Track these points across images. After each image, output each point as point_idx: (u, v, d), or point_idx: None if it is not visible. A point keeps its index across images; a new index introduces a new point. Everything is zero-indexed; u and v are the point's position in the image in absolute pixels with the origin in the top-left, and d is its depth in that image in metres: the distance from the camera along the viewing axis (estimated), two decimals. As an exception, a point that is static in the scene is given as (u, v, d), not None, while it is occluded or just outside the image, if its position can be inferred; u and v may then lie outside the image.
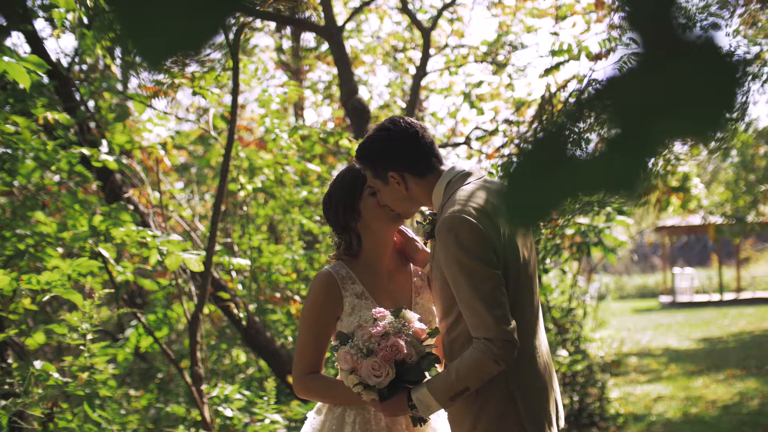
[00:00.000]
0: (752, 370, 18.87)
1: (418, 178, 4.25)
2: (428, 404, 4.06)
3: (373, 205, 4.48)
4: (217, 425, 8.35)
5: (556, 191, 1.43)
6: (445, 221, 4.00)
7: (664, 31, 1.37)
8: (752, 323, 29.63)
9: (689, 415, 14.33)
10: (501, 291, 3.94)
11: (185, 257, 6.83)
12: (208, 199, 15.26)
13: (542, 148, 1.47)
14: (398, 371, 4.07)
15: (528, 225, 1.55)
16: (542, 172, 1.44)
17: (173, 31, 1.33)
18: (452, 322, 4.14)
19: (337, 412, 4.49)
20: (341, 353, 4.13)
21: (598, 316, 16.97)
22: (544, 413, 4.19)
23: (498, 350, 3.89)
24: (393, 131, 4.25)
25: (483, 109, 14.53)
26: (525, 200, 1.44)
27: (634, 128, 1.36)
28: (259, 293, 11.13)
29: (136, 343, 8.77)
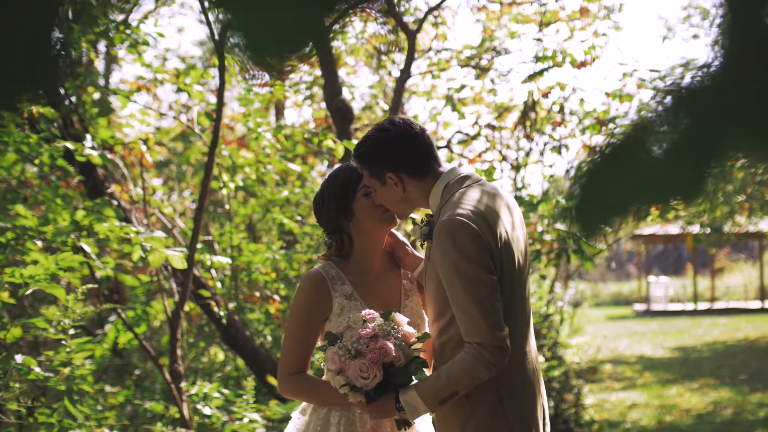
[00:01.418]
0: (726, 380, 18.96)
1: (416, 180, 4.24)
2: (416, 407, 4.05)
3: (366, 205, 4.45)
4: (195, 423, 8.32)
5: (625, 197, 1.43)
6: (444, 224, 3.99)
7: (757, 44, 1.38)
8: (726, 333, 29.74)
9: (664, 423, 14.39)
10: (496, 297, 3.94)
11: (169, 254, 6.81)
12: (186, 196, 15.21)
13: (614, 154, 1.47)
14: (386, 374, 4.05)
15: (595, 229, 1.55)
16: (612, 177, 1.45)
17: (281, 25, 1.32)
18: (444, 325, 4.13)
19: (322, 412, 4.46)
20: (329, 354, 4.11)
21: (574, 323, 17.00)
22: (533, 418, 4.19)
23: (490, 356, 3.88)
24: (392, 132, 4.23)
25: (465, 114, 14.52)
26: (594, 204, 1.45)
27: (705, 140, 1.37)
28: (238, 292, 11.11)
29: (114, 339, 8.74)
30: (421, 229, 4.27)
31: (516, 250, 4.15)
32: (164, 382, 9.87)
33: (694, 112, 1.43)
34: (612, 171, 1.49)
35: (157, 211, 10.29)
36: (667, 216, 15.65)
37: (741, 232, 30.04)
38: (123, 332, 8.67)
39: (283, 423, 8.63)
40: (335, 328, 4.32)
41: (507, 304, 4.04)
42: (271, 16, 1.31)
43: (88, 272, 8.20)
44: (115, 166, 8.99)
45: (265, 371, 9.77)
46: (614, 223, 1.52)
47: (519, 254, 4.18)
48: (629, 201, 1.47)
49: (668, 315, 39.95)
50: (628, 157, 1.47)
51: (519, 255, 4.18)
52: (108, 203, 7.22)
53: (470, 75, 15.00)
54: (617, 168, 1.48)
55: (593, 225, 1.51)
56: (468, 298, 3.90)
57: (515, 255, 4.13)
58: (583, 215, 1.50)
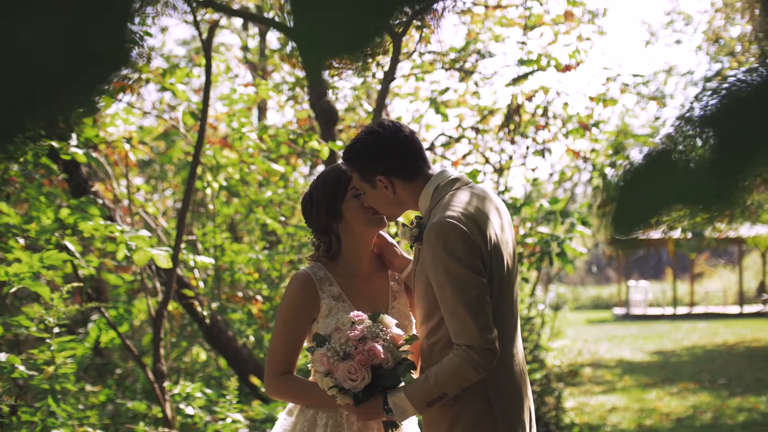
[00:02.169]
0: (705, 384, 19.02)
1: (406, 183, 4.23)
2: (404, 409, 4.05)
3: (355, 207, 4.44)
4: (178, 423, 8.31)
5: (658, 203, 1.45)
6: (435, 226, 3.99)
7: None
8: (705, 337, 29.85)
9: (643, 427, 14.42)
10: (485, 299, 3.94)
11: (154, 253, 6.80)
12: (167, 196, 15.19)
13: (650, 162, 1.49)
14: (374, 376, 4.05)
15: (630, 231, 1.56)
16: (648, 184, 1.46)
17: (341, 27, 1.33)
18: (433, 327, 4.13)
19: (308, 413, 4.44)
20: (317, 355, 4.10)
21: (555, 326, 17.04)
22: (519, 421, 4.19)
23: (479, 358, 3.89)
24: (382, 135, 4.22)
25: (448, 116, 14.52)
26: (630, 210, 1.46)
27: (736, 152, 1.38)
28: (220, 292, 11.10)
29: (96, 337, 8.71)
30: (410, 231, 4.26)
31: (505, 252, 4.15)
32: (146, 381, 9.86)
33: (726, 125, 1.44)
34: (647, 178, 1.50)
35: (141, 210, 10.28)
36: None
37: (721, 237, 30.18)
38: (105, 331, 8.64)
39: (266, 423, 8.63)
40: (323, 330, 4.31)
41: (496, 307, 4.04)
42: (332, 17, 1.31)
43: (71, 271, 8.17)
44: (99, 165, 8.97)
45: (247, 371, 9.76)
46: (648, 228, 1.53)
47: (508, 257, 4.18)
48: (662, 208, 1.48)
49: (648, 319, 40.06)
50: (662, 166, 1.49)
51: (508, 257, 4.18)
52: (93, 201, 7.20)
53: (454, 78, 15.01)
54: (652, 175, 1.50)
55: (628, 230, 1.52)
56: (457, 300, 3.90)
57: (504, 257, 4.14)
58: (619, 220, 1.51)
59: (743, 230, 32.75)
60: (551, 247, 10.90)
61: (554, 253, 10.75)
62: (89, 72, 1.29)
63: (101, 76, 1.31)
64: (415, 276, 4.26)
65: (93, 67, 1.29)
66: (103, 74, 1.31)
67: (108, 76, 1.31)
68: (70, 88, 1.29)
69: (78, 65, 1.27)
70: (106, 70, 1.31)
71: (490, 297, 3.98)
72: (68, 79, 1.28)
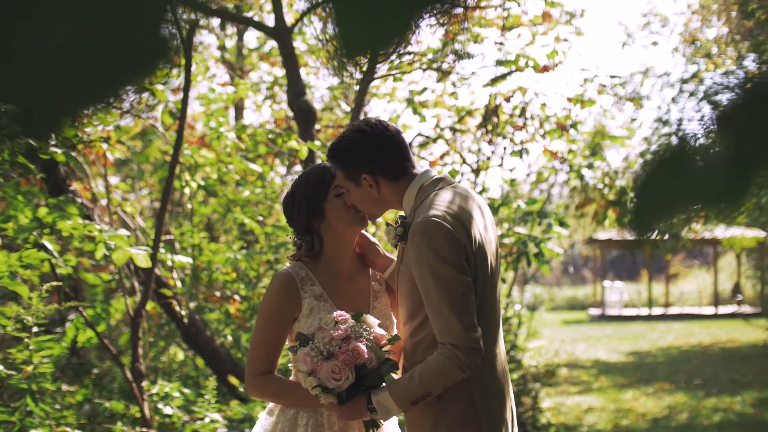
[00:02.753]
0: (681, 385, 19.10)
1: (391, 182, 4.23)
2: (388, 408, 4.06)
3: (337, 206, 4.44)
4: (156, 423, 8.29)
5: (676, 202, 1.45)
6: (419, 225, 3.99)
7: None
8: (680, 338, 29.99)
9: (620, 427, 14.46)
10: (470, 298, 3.94)
11: (133, 252, 6.78)
12: (144, 195, 15.15)
13: (670, 159, 1.49)
14: (358, 375, 4.05)
15: (650, 229, 1.57)
16: (665, 184, 1.47)
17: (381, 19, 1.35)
18: (417, 326, 4.13)
19: (289, 413, 4.44)
20: (301, 354, 4.10)
21: (531, 327, 17.07)
22: (502, 420, 4.20)
23: (464, 357, 3.89)
24: (368, 133, 4.21)
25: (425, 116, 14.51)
26: (650, 209, 1.47)
27: (749, 151, 1.39)
28: (198, 291, 11.08)
29: (73, 337, 8.67)
30: (394, 230, 4.26)
31: (489, 252, 4.16)
32: (123, 381, 9.82)
33: (742, 122, 1.45)
34: (664, 178, 1.51)
35: (119, 210, 10.24)
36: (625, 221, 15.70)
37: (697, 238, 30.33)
38: (82, 331, 8.61)
39: (244, 423, 8.62)
40: (305, 329, 4.31)
41: (479, 306, 4.04)
42: (368, 12, 1.33)
43: (49, 270, 8.14)
44: (77, 164, 8.94)
45: (225, 371, 9.75)
46: (667, 226, 1.54)
47: (491, 256, 4.19)
48: (680, 206, 1.49)
49: (623, 320, 40.24)
50: (678, 165, 1.50)
51: (491, 257, 4.19)
52: (72, 200, 7.17)
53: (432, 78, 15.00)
54: (669, 175, 1.51)
55: (648, 229, 1.53)
56: (442, 299, 3.91)
57: (488, 257, 4.14)
58: (639, 220, 1.52)
59: (718, 231, 32.90)
60: (528, 247, 10.91)
61: (532, 254, 10.76)
62: (132, 62, 1.33)
63: (143, 66, 1.35)
64: (399, 275, 4.25)
65: (136, 57, 1.33)
66: (145, 64, 1.34)
67: (149, 67, 1.35)
68: (117, 75, 1.33)
69: (123, 55, 1.32)
70: (148, 61, 1.34)
71: (474, 296, 3.99)
72: (115, 67, 1.32)
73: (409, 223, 4.16)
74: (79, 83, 1.30)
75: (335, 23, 1.36)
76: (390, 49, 1.39)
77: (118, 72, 1.33)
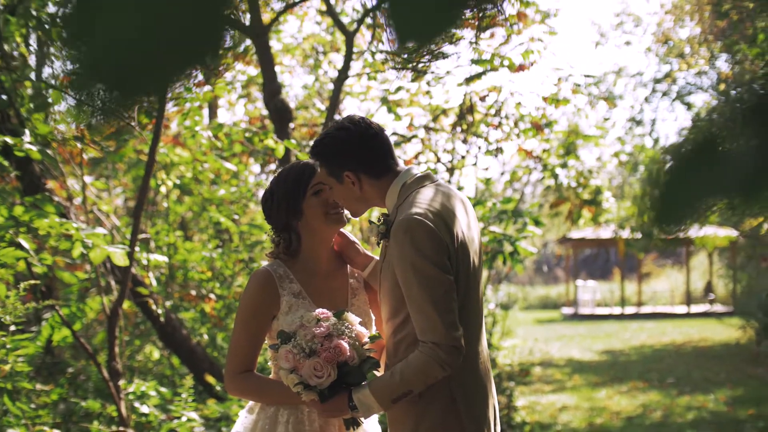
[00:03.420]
0: (654, 383, 19.18)
1: (374, 180, 4.24)
2: (369, 405, 4.06)
3: (316, 205, 4.47)
4: (132, 422, 8.26)
5: (700, 195, 1.46)
6: (402, 223, 3.99)
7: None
8: (653, 337, 30.09)
9: (594, 426, 14.51)
10: (452, 296, 3.95)
11: (110, 251, 6.75)
12: (117, 194, 15.10)
13: (697, 152, 1.50)
14: (339, 373, 4.07)
15: (677, 223, 1.58)
16: (689, 177, 1.47)
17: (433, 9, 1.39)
18: (399, 324, 4.13)
19: (269, 411, 4.46)
20: (282, 352, 4.10)
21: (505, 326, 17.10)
22: (485, 418, 4.21)
23: (445, 355, 3.90)
24: (352, 131, 4.22)
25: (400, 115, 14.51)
26: (674, 203, 1.47)
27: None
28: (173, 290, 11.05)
29: (48, 336, 8.64)
30: (377, 228, 4.27)
31: (471, 250, 4.16)
32: (98, 380, 9.78)
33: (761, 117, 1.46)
34: (692, 171, 1.51)
35: (95, 208, 10.21)
36: (599, 220, 15.77)
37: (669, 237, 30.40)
38: (58, 329, 8.57)
39: (221, 422, 8.60)
40: (284, 327, 4.31)
41: (461, 304, 4.05)
42: (419, 8, 1.38)
43: (24, 268, 8.10)
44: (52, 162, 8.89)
45: (202, 370, 9.73)
46: (692, 220, 1.54)
47: (474, 254, 4.20)
48: (707, 200, 1.50)
49: (596, 319, 40.34)
50: (705, 158, 1.50)
51: (474, 255, 4.19)
52: (49, 199, 7.14)
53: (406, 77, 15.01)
54: (697, 168, 1.51)
55: (675, 223, 1.53)
56: (424, 297, 3.91)
57: (470, 255, 4.15)
58: (665, 214, 1.52)
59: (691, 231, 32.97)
60: (503, 246, 10.92)
61: (507, 253, 10.77)
62: (197, 45, 1.42)
63: (206, 50, 1.43)
64: (381, 273, 4.26)
65: (201, 42, 1.42)
66: (208, 49, 1.43)
67: (211, 51, 1.44)
68: (185, 57, 1.42)
69: (189, 39, 1.41)
70: (211, 45, 1.43)
71: (456, 294, 3.99)
72: (183, 50, 1.41)
73: (392, 221, 4.17)
74: (155, 63, 1.38)
75: (389, 17, 1.41)
76: (437, 41, 1.43)
77: (186, 54, 1.41)
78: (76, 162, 9.68)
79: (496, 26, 13.21)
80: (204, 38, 1.41)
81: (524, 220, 11.22)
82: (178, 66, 1.40)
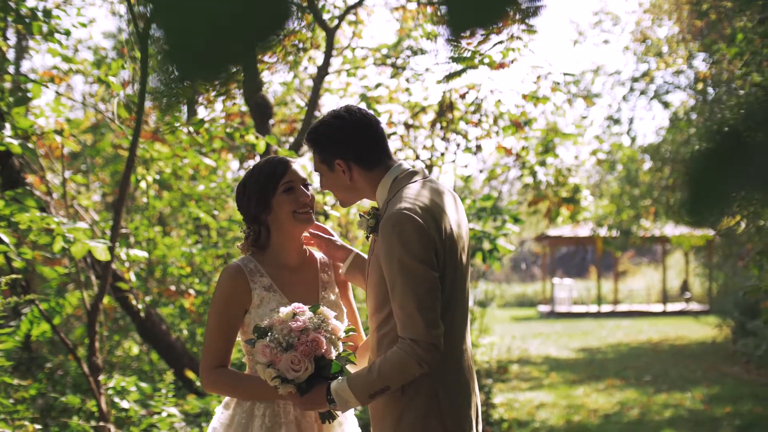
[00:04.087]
0: (631, 381, 19.26)
1: (365, 170, 4.26)
2: (347, 399, 4.08)
3: (285, 202, 4.53)
4: (112, 417, 8.24)
5: (730, 190, 1.46)
6: (391, 217, 4.00)
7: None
8: (629, 335, 30.21)
9: (572, 423, 14.55)
10: (435, 294, 3.96)
11: (92, 245, 6.73)
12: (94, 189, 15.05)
13: (729, 146, 1.50)
14: (317, 366, 4.12)
15: (708, 216, 1.58)
16: (720, 172, 1.47)
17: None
18: (383, 319, 4.14)
19: (246, 405, 4.51)
20: (259, 346, 4.14)
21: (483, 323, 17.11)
22: (466, 417, 4.21)
23: (423, 353, 3.91)
24: (347, 120, 4.25)
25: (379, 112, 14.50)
26: (708, 192, 1.48)
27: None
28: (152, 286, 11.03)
29: (27, 331, 8.60)
30: (366, 221, 4.28)
31: (459, 247, 4.17)
32: (77, 375, 9.75)
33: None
34: (724, 165, 1.52)
35: (75, 203, 10.18)
36: (577, 218, 15.80)
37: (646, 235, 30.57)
38: (37, 324, 8.54)
39: (200, 417, 8.60)
40: (256, 320, 4.41)
41: (447, 301, 4.06)
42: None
43: (3, 262, 8.06)
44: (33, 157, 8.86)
45: (181, 365, 9.72)
46: (724, 214, 1.55)
47: (462, 252, 4.20)
48: (739, 194, 1.50)
49: (572, 317, 40.48)
50: (738, 152, 1.51)
51: (462, 253, 4.20)
52: (30, 193, 7.11)
53: (384, 74, 15.01)
54: (729, 162, 1.51)
55: (706, 216, 1.54)
56: (407, 293, 3.92)
57: (458, 252, 4.15)
58: (696, 207, 1.53)
59: (667, 229, 33.20)
60: (482, 243, 10.93)
61: (487, 250, 10.78)
62: (264, 24, 1.50)
63: (273, 26, 1.51)
64: (369, 267, 4.26)
65: (266, 19, 1.50)
66: (274, 25, 1.51)
67: (276, 29, 1.51)
68: (265, 26, 1.53)
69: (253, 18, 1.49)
70: (276, 22, 1.49)
71: (441, 292, 4.01)
72: (263, 20, 1.51)
73: (381, 215, 4.17)
74: (238, 32, 1.48)
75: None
76: (488, 29, 1.47)
77: (265, 24, 1.50)
78: (55, 156, 9.65)
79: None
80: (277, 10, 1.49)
81: (504, 217, 11.23)
82: (263, 33, 1.51)
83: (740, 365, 21.00)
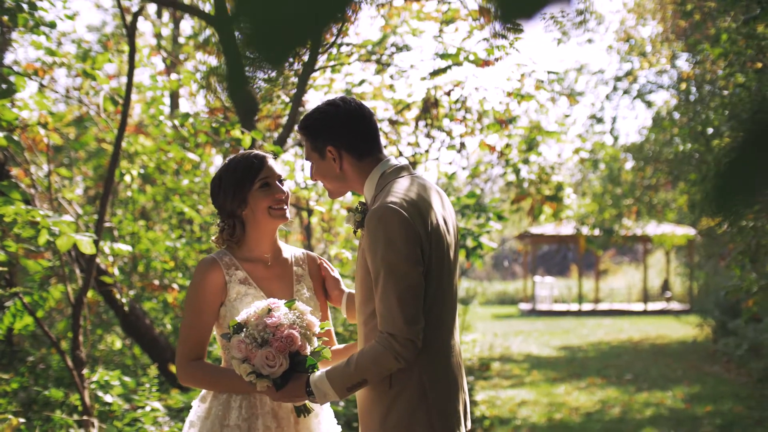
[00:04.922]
0: (612, 379, 19.31)
1: (355, 160, 4.28)
2: (325, 392, 4.09)
3: (260, 197, 4.57)
4: (96, 411, 8.22)
5: (757, 184, 1.46)
6: (376, 211, 4.01)
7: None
8: (610, 334, 30.29)
9: (554, 421, 14.58)
10: (417, 291, 3.97)
11: (77, 238, 6.71)
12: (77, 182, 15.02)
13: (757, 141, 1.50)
14: (292, 362, 4.15)
15: (732, 211, 1.58)
16: (754, 163, 1.48)
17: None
18: (371, 312, 4.15)
19: (222, 398, 4.52)
20: (234, 342, 4.17)
21: (465, 320, 17.13)
22: (454, 412, 4.22)
23: (400, 348, 3.92)
24: (342, 108, 4.27)
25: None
26: (733, 190, 1.48)
27: None
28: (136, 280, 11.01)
29: (9, 324, 8.57)
30: (354, 216, 4.30)
31: (446, 242, 4.17)
32: (59, 368, 9.73)
33: None
34: (751, 160, 1.52)
35: (59, 197, 10.15)
36: (560, 216, 15.83)
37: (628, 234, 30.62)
38: (20, 317, 8.50)
39: (183, 412, 8.60)
40: (231, 313, 4.46)
41: (434, 295, 4.07)
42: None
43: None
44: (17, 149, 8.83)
45: (165, 360, 9.71)
46: (750, 207, 1.55)
47: (448, 247, 4.21)
48: (760, 188, 1.51)
49: (553, 315, 40.57)
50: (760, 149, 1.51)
51: (448, 248, 4.20)
52: (15, 186, 7.08)
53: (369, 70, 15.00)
54: (756, 157, 1.52)
55: (731, 210, 1.54)
56: (390, 288, 3.93)
57: (444, 247, 4.16)
58: (722, 202, 1.53)
59: (649, 228, 33.28)
60: (466, 241, 10.94)
61: (471, 248, 10.79)
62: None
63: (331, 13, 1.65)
64: (357, 262, 4.28)
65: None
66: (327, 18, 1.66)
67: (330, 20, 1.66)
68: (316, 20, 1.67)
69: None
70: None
71: (428, 286, 4.02)
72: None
73: (369, 209, 4.18)
74: (300, 22, 1.62)
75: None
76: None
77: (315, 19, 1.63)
78: (39, 149, 9.62)
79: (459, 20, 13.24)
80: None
81: (487, 215, 11.24)
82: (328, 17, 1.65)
83: (721, 364, 21.07)
